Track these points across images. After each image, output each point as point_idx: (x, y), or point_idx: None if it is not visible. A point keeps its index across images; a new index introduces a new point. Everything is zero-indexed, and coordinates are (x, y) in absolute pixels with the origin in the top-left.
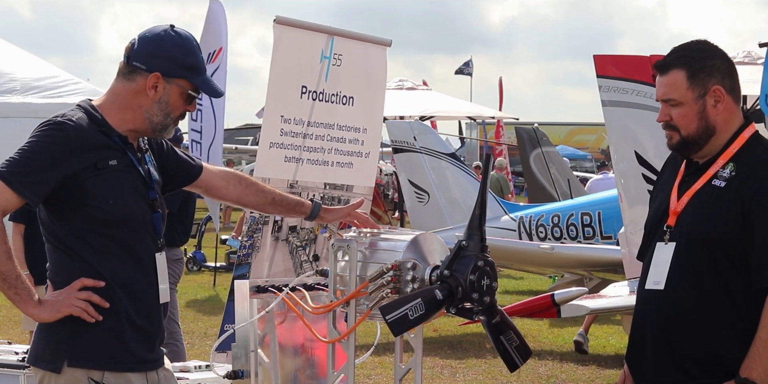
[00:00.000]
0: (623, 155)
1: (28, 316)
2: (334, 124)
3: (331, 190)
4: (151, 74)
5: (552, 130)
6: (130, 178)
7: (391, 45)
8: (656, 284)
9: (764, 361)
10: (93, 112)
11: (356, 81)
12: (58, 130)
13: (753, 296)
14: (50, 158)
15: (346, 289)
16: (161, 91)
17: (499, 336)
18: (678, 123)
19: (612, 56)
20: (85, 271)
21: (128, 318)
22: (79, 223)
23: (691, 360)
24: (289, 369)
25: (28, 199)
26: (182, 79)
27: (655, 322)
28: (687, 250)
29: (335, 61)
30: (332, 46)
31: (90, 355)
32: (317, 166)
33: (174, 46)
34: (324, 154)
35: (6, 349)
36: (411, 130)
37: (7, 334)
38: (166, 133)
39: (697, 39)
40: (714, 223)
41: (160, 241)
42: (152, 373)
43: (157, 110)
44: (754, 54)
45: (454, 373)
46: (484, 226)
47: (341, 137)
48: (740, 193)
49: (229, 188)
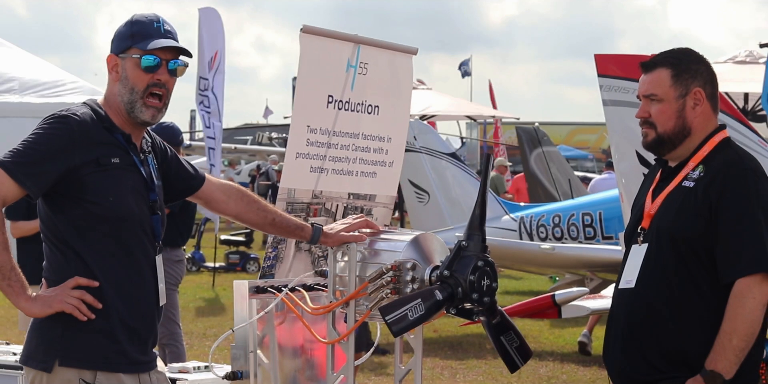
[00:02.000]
0: (624, 155)
1: (19, 309)
2: (359, 133)
3: (355, 200)
4: (108, 57)
5: (553, 129)
6: (131, 178)
7: (417, 53)
8: (628, 283)
9: (729, 354)
10: (98, 109)
11: (382, 90)
12: (62, 123)
13: (720, 291)
14: (53, 150)
15: (346, 290)
16: (121, 70)
17: (499, 336)
18: (656, 119)
19: (613, 55)
20: (80, 270)
21: (121, 319)
22: (76, 218)
23: (660, 355)
24: (289, 370)
25: (29, 189)
26: (130, 48)
27: (626, 319)
28: (657, 248)
29: (361, 69)
30: (358, 55)
31: (82, 355)
32: (342, 176)
33: (123, 26)
34: (348, 164)
35: (4, 349)
36: (411, 130)
37: (5, 335)
38: (138, 111)
39: (684, 47)
40: (682, 222)
41: (158, 244)
42: (144, 375)
43: (122, 89)
44: (756, 53)
45: (455, 374)
46: (484, 226)
47: (366, 146)
48: (707, 192)
49: (229, 203)
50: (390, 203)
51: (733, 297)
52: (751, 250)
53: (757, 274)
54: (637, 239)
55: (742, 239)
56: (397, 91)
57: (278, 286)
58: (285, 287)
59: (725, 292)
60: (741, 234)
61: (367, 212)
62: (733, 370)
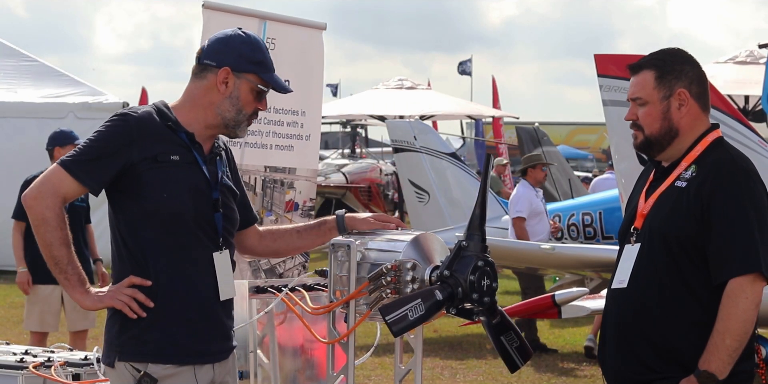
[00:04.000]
0: (624, 155)
1: (74, 301)
2: (270, 107)
3: (273, 173)
4: (221, 69)
5: (553, 129)
6: (191, 175)
7: (326, 28)
8: (621, 283)
9: (722, 354)
10: (163, 109)
11: (291, 64)
12: (121, 121)
13: (713, 291)
14: (111, 146)
15: (346, 290)
16: (231, 86)
17: (499, 337)
18: (643, 122)
19: (613, 55)
20: (135, 268)
21: (174, 313)
22: (133, 215)
23: (654, 354)
24: (289, 370)
25: (89, 186)
26: (251, 73)
27: (619, 319)
28: (650, 248)
29: (269, 45)
30: (265, 31)
31: (135, 349)
32: (256, 149)
33: (242, 43)
34: (262, 138)
35: (4, 349)
36: (411, 130)
37: (5, 335)
38: (239, 130)
39: (673, 47)
40: (674, 221)
41: (221, 240)
42: (205, 366)
43: (228, 105)
44: (757, 53)
45: (455, 374)
46: (484, 226)
47: (279, 120)
48: (699, 192)
49: (261, 242)
50: (312, 177)
51: (726, 297)
52: (744, 250)
53: (749, 274)
54: (630, 239)
55: (735, 239)
56: (308, 66)
57: (278, 286)
58: (285, 287)
59: (717, 291)
60: (733, 234)
61: (288, 185)
62: (726, 369)
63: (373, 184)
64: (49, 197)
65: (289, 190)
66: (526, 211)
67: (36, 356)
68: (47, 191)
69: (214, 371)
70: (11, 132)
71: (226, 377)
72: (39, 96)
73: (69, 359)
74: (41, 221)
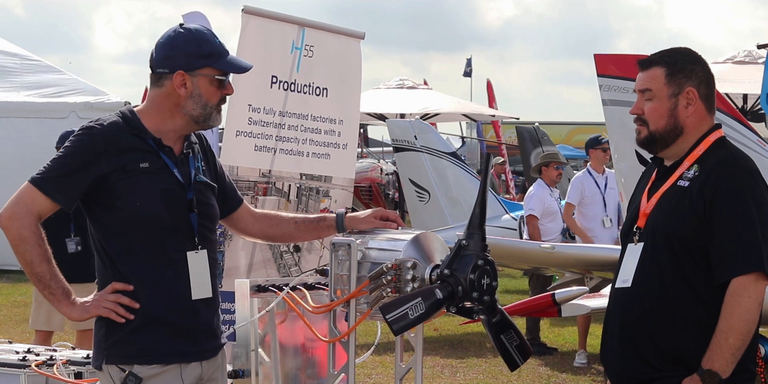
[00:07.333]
0: (624, 154)
1: (61, 314)
2: (307, 114)
3: (308, 181)
4: (175, 74)
5: (553, 129)
6: (162, 181)
7: (364, 37)
8: (624, 282)
9: (725, 352)
10: (129, 116)
11: (329, 72)
12: (87, 135)
13: (715, 290)
14: (79, 161)
15: (347, 289)
16: (190, 86)
17: (499, 335)
18: (648, 117)
19: (612, 55)
20: (116, 274)
21: (157, 315)
22: (109, 224)
23: (657, 353)
24: (290, 368)
25: (60, 201)
26: (205, 68)
27: (622, 318)
28: (652, 248)
29: (306, 52)
30: (303, 37)
31: (121, 351)
32: (292, 156)
33: (186, 42)
34: (298, 145)
35: (6, 348)
36: (412, 130)
37: (7, 333)
38: (211, 121)
39: (683, 47)
40: (676, 221)
41: (196, 240)
42: (191, 364)
43: (192, 104)
44: (755, 53)
45: (455, 373)
46: (484, 225)
47: (316, 128)
48: (702, 191)
49: (255, 224)
50: (349, 186)
51: (729, 296)
52: (746, 250)
53: (752, 273)
54: (633, 238)
55: (737, 238)
56: (346, 74)
57: (279, 284)
58: (286, 286)
59: (720, 290)
60: (736, 233)
61: (324, 194)
62: (729, 368)
63: (374, 184)
64: (24, 217)
65: (324, 199)
66: (539, 210)
67: (38, 355)
68: (21, 211)
69: (202, 368)
70: (12, 132)
71: (215, 373)
72: (40, 96)
73: (71, 358)
74: (19, 240)
